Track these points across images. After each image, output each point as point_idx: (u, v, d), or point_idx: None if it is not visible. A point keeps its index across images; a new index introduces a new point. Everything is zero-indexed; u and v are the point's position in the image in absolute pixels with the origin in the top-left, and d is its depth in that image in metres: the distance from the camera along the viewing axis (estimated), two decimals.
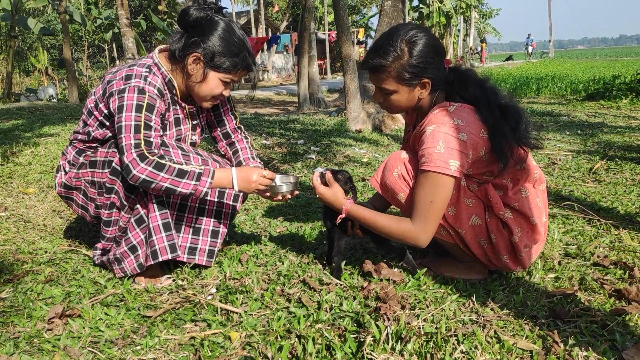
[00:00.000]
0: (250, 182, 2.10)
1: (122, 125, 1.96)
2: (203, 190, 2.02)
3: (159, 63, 2.10)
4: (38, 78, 22.08)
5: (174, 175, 1.96)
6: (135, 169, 1.92)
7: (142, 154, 1.94)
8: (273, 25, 32.22)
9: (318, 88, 12.69)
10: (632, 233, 2.59)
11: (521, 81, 14.37)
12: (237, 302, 1.96)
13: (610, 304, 1.87)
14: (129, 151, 1.94)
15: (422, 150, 1.88)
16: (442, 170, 1.82)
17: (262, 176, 2.12)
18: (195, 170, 2.01)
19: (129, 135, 1.95)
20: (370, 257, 2.37)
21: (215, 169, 2.07)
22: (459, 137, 1.83)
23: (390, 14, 7.50)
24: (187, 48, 2.03)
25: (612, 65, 22.46)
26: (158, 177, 1.94)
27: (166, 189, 1.97)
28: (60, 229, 2.89)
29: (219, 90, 2.13)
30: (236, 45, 2.06)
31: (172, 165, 1.98)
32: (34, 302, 2.00)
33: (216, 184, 2.06)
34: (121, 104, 1.98)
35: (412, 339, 1.60)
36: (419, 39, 1.90)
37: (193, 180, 1.99)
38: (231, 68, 2.08)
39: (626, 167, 4.05)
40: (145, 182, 1.94)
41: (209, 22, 2.04)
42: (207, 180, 2.02)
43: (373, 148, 5.54)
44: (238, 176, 2.09)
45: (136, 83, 2.01)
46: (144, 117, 1.98)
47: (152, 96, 2.03)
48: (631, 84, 9.42)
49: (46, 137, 5.05)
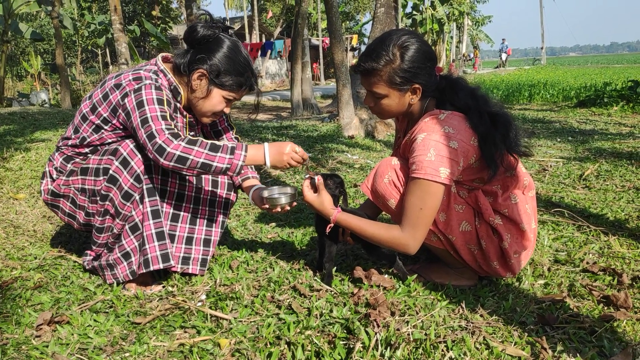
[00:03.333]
0: (282, 154, 2.03)
1: (148, 117, 1.93)
2: (239, 164, 1.96)
3: (165, 70, 2.11)
4: (30, 83, 22.02)
5: (207, 149, 1.92)
6: (170, 146, 1.88)
7: (175, 132, 1.92)
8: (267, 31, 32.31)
9: (311, 94, 12.73)
10: (621, 239, 2.61)
11: (513, 88, 14.45)
12: (227, 308, 1.96)
13: (599, 310, 1.88)
14: (162, 133, 1.90)
15: (412, 157, 1.89)
16: (432, 177, 1.83)
17: (294, 151, 2.05)
18: (228, 145, 1.97)
19: (158, 121, 1.92)
20: (361, 264, 2.37)
21: (247, 144, 2.04)
22: (449, 145, 1.84)
23: (383, 20, 7.55)
24: (192, 64, 2.04)
25: (603, 72, 22.65)
26: (192, 152, 1.89)
27: (202, 165, 1.91)
28: (50, 235, 2.88)
29: (220, 107, 2.14)
30: (241, 64, 2.08)
31: (205, 140, 1.95)
32: (23, 309, 1.98)
33: (250, 158, 2.00)
34: (140, 100, 1.96)
35: (402, 346, 1.60)
36: (411, 44, 1.91)
37: (227, 153, 1.94)
38: (235, 87, 2.09)
39: (616, 173, 4.08)
40: (180, 160, 1.89)
41: (215, 40, 2.05)
42: (241, 153, 1.96)
43: (365, 154, 5.55)
44: (270, 150, 2.03)
45: (150, 82, 2.01)
46: (167, 109, 1.98)
47: (168, 94, 2.05)
48: (622, 91, 9.49)
49: (37, 143, 5.04)
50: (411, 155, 1.90)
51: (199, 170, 1.94)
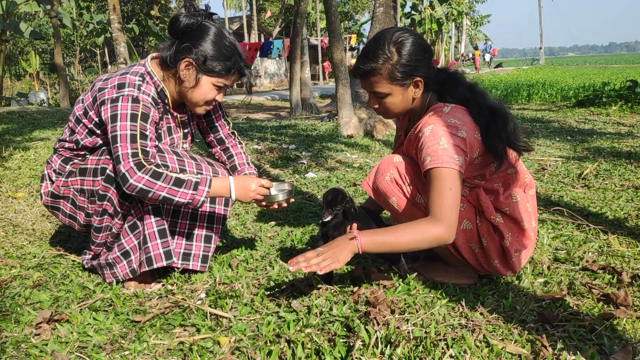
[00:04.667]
0: (248, 191, 2.06)
1: (117, 135, 1.92)
2: (200, 199, 1.98)
3: (152, 72, 2.07)
4: (29, 82, 22.00)
5: (171, 184, 1.93)
6: (132, 177, 1.89)
7: (140, 162, 1.91)
8: (265, 30, 32.29)
9: (310, 93, 12.73)
10: (620, 238, 2.61)
11: (512, 88, 14.48)
12: (226, 307, 1.96)
13: (598, 309, 1.88)
14: (126, 160, 1.90)
15: (425, 150, 1.85)
16: (450, 165, 1.79)
17: (261, 185, 2.09)
18: (192, 180, 1.97)
19: (125, 144, 1.92)
20: (361, 262, 2.37)
21: (213, 178, 2.04)
22: (458, 135, 1.84)
23: (382, 20, 7.55)
24: (178, 54, 2.01)
25: (601, 72, 22.69)
26: (155, 186, 1.91)
27: (163, 199, 1.94)
28: (49, 234, 2.87)
29: (212, 95, 2.11)
30: (228, 49, 2.05)
31: (169, 174, 1.94)
32: (22, 307, 1.98)
33: (213, 193, 2.03)
34: (114, 113, 1.94)
35: (402, 344, 1.60)
36: (406, 39, 1.91)
37: (190, 189, 1.96)
38: (223, 72, 2.06)
39: (615, 172, 4.08)
40: (142, 192, 1.91)
41: (199, 28, 2.02)
42: (204, 190, 1.99)
43: (364, 153, 5.55)
44: (236, 185, 2.06)
45: (130, 92, 1.98)
46: (139, 127, 1.95)
47: (147, 105, 2.00)
48: (620, 91, 9.52)
49: (36, 142, 5.03)
50: (421, 150, 1.87)
51: (161, 202, 1.97)
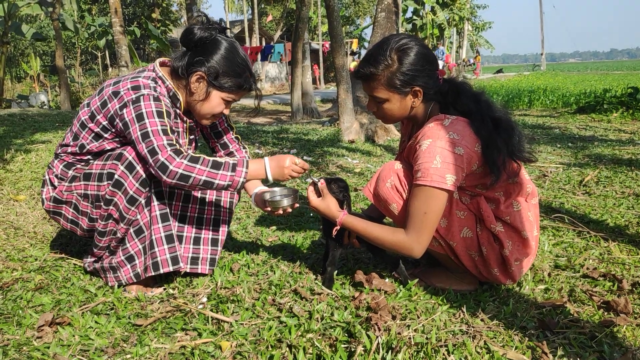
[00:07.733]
0: (283, 168, 2.06)
1: (149, 131, 1.93)
2: (240, 180, 1.98)
3: (163, 77, 2.09)
4: (30, 84, 22.04)
5: (209, 166, 1.94)
6: (172, 164, 1.89)
7: (177, 149, 1.93)
8: (267, 34, 32.36)
9: (311, 98, 12.74)
10: (621, 245, 2.62)
11: (513, 93, 14.48)
12: (228, 311, 1.96)
13: (599, 316, 1.89)
14: (164, 150, 1.90)
15: (418, 164, 1.88)
16: (439, 184, 1.82)
17: (294, 163, 2.08)
18: (229, 162, 1.98)
19: (160, 137, 1.93)
20: (362, 268, 2.37)
21: (248, 159, 2.04)
22: (455, 152, 1.84)
23: (384, 25, 7.57)
24: (190, 66, 2.03)
25: (603, 78, 22.71)
26: (195, 170, 1.91)
27: (204, 183, 1.94)
28: (50, 237, 2.88)
29: (220, 109, 2.13)
30: (239, 65, 2.07)
31: (207, 157, 1.96)
32: (24, 310, 1.99)
33: (251, 174, 2.03)
34: (139, 112, 1.95)
35: (403, 349, 1.61)
36: (410, 47, 1.92)
37: (229, 171, 1.97)
38: (234, 88, 2.08)
39: (616, 180, 4.09)
40: (183, 178, 1.91)
41: (212, 42, 2.04)
42: (242, 170, 1.99)
43: (366, 158, 5.56)
44: (271, 164, 2.06)
45: (148, 92, 2.00)
46: (167, 122, 1.98)
47: (167, 104, 2.04)
48: (622, 97, 9.51)
49: (37, 144, 5.04)
50: (416, 162, 1.90)
51: (200, 187, 1.96)
